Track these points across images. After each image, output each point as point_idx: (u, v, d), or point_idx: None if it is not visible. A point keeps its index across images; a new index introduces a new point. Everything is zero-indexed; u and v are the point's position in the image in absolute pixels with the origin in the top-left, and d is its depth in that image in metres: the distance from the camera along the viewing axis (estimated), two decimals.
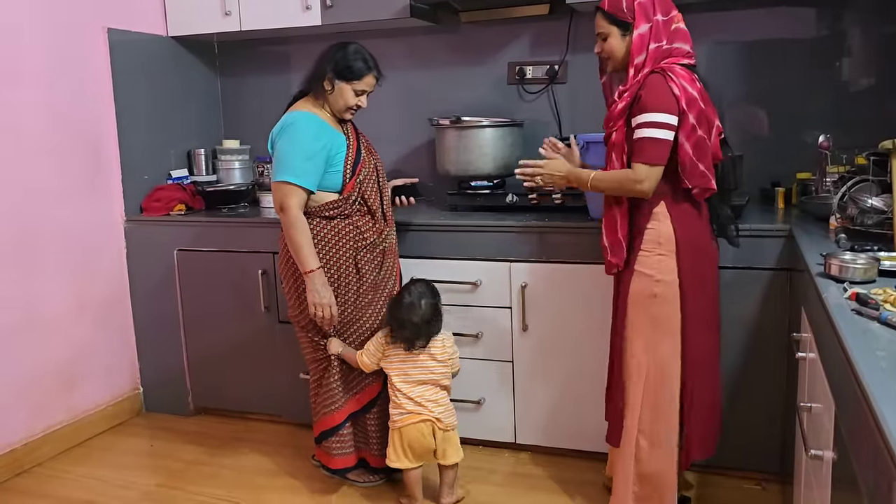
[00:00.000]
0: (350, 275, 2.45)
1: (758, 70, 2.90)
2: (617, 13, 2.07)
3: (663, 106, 1.98)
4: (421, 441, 2.38)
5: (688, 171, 2.03)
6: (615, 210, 2.11)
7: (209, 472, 2.83)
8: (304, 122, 2.36)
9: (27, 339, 2.89)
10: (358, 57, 2.37)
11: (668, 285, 2.09)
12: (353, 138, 2.47)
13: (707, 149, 2.05)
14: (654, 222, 2.08)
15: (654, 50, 2.03)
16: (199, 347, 3.26)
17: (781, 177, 2.83)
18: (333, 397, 2.53)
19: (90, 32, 3.10)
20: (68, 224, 3.04)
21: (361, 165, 2.44)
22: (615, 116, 2.08)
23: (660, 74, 2.01)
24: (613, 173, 2.08)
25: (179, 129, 3.51)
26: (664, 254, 2.08)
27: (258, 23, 3.25)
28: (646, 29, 2.03)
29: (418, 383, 2.38)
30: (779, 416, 2.44)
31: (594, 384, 2.57)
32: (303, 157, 2.33)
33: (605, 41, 2.10)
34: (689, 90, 2.00)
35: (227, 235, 3.10)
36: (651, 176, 2.01)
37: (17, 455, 2.84)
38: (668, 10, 2.07)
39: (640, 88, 2.02)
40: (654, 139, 1.99)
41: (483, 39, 3.25)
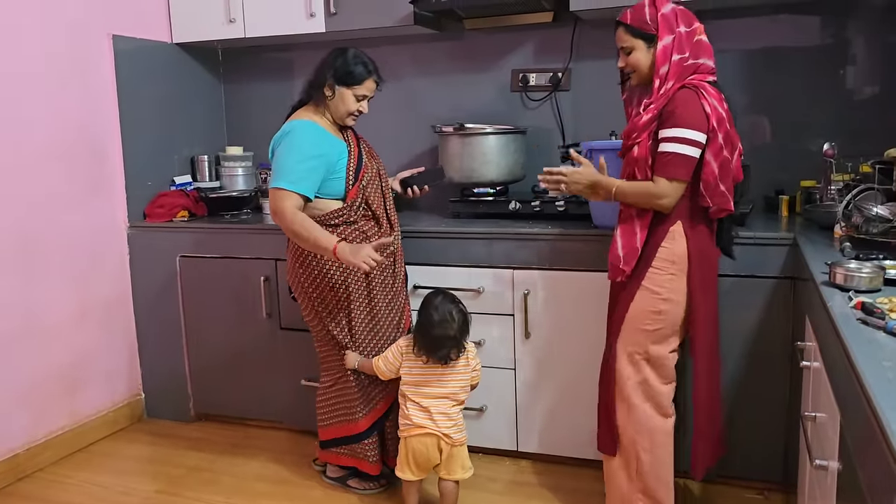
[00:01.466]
0: (359, 280, 2.44)
1: (762, 78, 2.90)
2: (641, 26, 2.05)
3: (694, 122, 1.96)
4: (425, 454, 2.35)
5: (710, 191, 2.02)
6: (636, 221, 2.09)
7: (209, 478, 2.82)
8: (303, 130, 2.36)
9: (30, 344, 2.88)
10: (358, 62, 2.37)
11: (675, 304, 2.08)
12: (354, 144, 2.47)
13: (730, 170, 2.04)
14: (669, 241, 2.07)
15: (677, 62, 2.01)
16: (201, 354, 3.25)
17: (785, 185, 2.82)
18: (353, 406, 2.53)
19: (95, 39, 3.11)
20: (72, 229, 3.04)
21: (364, 171, 2.44)
22: (639, 128, 2.06)
23: (692, 90, 1.99)
24: (637, 185, 2.06)
25: (183, 135, 3.52)
26: (675, 273, 2.07)
27: (262, 30, 3.25)
28: (669, 41, 2.01)
29: (433, 396, 2.35)
30: (782, 425, 2.42)
31: (596, 393, 2.55)
32: (301, 164, 2.32)
33: (629, 55, 2.08)
34: (719, 109, 1.99)
35: (230, 242, 3.10)
36: (673, 192, 2.00)
37: (19, 460, 2.84)
38: (690, 21, 2.06)
39: (668, 102, 2.00)
40: (681, 155, 1.97)
41: (487, 47, 3.26)
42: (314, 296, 2.47)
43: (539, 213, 2.83)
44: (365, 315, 2.48)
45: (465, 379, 2.38)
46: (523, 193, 3.04)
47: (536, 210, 2.83)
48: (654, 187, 2.00)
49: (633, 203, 2.08)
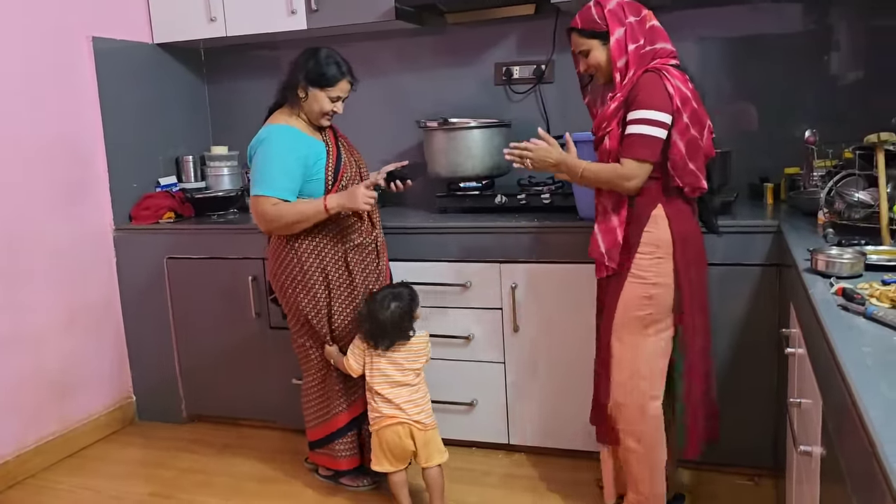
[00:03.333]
0: (342, 276, 2.45)
1: (745, 65, 2.90)
2: (591, 26, 2.08)
3: (658, 104, 1.98)
4: (398, 443, 2.37)
5: (679, 170, 2.03)
6: (613, 217, 2.10)
7: (203, 479, 2.82)
8: (278, 134, 2.35)
9: (17, 349, 2.87)
10: (330, 62, 2.34)
11: (664, 288, 2.09)
12: (333, 144, 2.45)
13: (699, 148, 2.06)
14: (651, 225, 2.08)
15: (634, 51, 2.04)
16: (191, 355, 3.24)
17: (770, 172, 2.83)
18: (332, 402, 2.54)
19: (75, 41, 3.09)
20: (57, 234, 3.03)
21: (343, 170, 2.43)
22: (608, 116, 2.07)
23: (654, 73, 2.02)
24: (604, 167, 2.07)
25: (167, 136, 3.50)
26: (662, 257, 2.08)
27: (243, 28, 3.24)
28: (621, 32, 2.04)
29: (396, 384, 2.37)
30: (770, 411, 2.44)
31: (586, 384, 2.55)
32: (278, 169, 2.32)
33: (588, 57, 2.11)
34: (682, 89, 2.01)
35: (217, 242, 3.09)
36: (640, 173, 2.02)
37: (9, 467, 2.83)
38: (638, 11, 2.09)
39: (633, 88, 2.02)
40: (646, 136, 1.99)
41: (469, 40, 3.25)
42: (296, 290, 2.45)
43: (525, 206, 2.83)
44: (346, 310, 2.48)
45: (420, 363, 2.41)
46: (509, 187, 3.04)
47: (522, 203, 2.83)
48: (622, 168, 2.02)
49: (600, 184, 2.10)
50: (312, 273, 2.43)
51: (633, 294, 2.10)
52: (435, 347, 2.75)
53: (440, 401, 2.79)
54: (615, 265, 2.10)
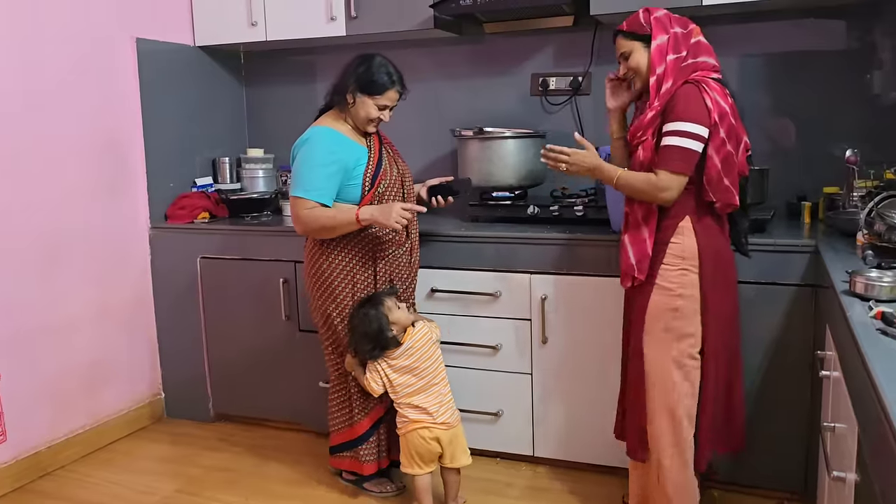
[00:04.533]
0: (368, 286, 2.46)
1: (785, 82, 2.86)
2: (636, 29, 2.09)
3: (695, 116, 1.97)
4: (425, 447, 2.38)
5: (713, 185, 2.02)
6: (643, 227, 2.09)
7: (228, 478, 2.84)
8: (320, 137, 2.37)
9: (52, 342, 2.93)
10: (382, 71, 2.36)
11: (690, 300, 2.07)
12: (376, 150, 2.46)
13: (734, 164, 2.04)
14: (678, 237, 2.07)
15: (675, 61, 2.03)
16: (221, 355, 3.28)
17: (808, 191, 2.79)
18: (354, 409, 2.55)
19: (119, 42, 3.16)
20: (94, 230, 3.09)
21: (381, 178, 2.43)
22: (644, 126, 2.07)
23: (693, 85, 2.01)
24: (640, 176, 2.06)
25: (205, 137, 3.56)
26: (687, 269, 2.06)
27: (284, 33, 3.28)
28: (664, 40, 2.04)
29: (420, 391, 2.38)
30: (802, 434, 2.39)
31: (614, 398, 2.54)
32: (317, 172, 2.34)
33: (628, 59, 2.11)
34: (721, 104, 2.00)
35: (250, 244, 3.13)
36: (675, 185, 2.00)
37: (40, 457, 2.88)
38: (685, 24, 2.09)
39: (671, 98, 2.01)
40: (682, 148, 1.98)
41: (507, 50, 3.25)
42: (324, 296, 2.47)
43: (558, 218, 2.82)
44: None
45: (436, 357, 2.42)
46: (542, 198, 3.03)
47: (555, 215, 2.82)
48: (657, 179, 2.01)
49: (634, 193, 2.08)
50: (340, 281, 2.45)
51: (659, 305, 2.09)
52: (462, 355, 2.76)
53: (465, 409, 2.78)
54: (643, 276, 2.09)
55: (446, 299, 2.79)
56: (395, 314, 2.37)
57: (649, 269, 2.09)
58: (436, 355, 2.42)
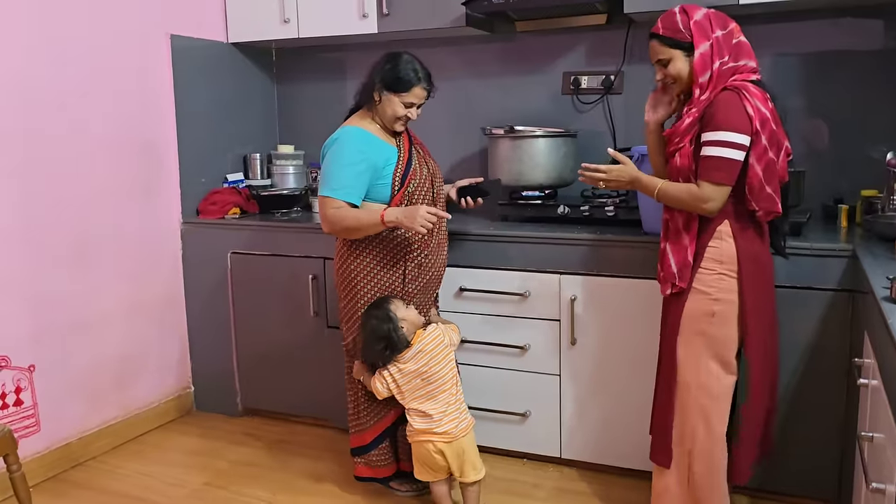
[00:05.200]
0: (395, 286, 2.45)
1: (821, 82, 2.81)
2: (675, 35, 2.02)
3: (737, 125, 1.93)
4: (430, 458, 2.36)
5: (755, 194, 1.98)
6: (684, 234, 2.05)
7: (255, 473, 2.86)
8: (349, 136, 2.37)
9: (85, 335, 2.97)
10: (408, 68, 2.34)
11: (727, 304, 2.03)
12: (405, 149, 2.45)
13: (775, 171, 2.00)
14: (716, 241, 2.03)
15: (719, 67, 1.98)
16: (249, 350, 3.31)
17: (845, 194, 2.74)
18: (362, 416, 2.55)
19: (154, 38, 3.19)
20: (127, 225, 3.13)
21: (411, 177, 2.41)
22: (680, 132, 2.03)
23: (734, 92, 1.96)
24: (682, 188, 2.02)
25: (236, 133, 3.58)
26: (725, 273, 2.03)
27: (315, 30, 3.29)
28: (707, 47, 1.98)
29: (429, 396, 2.34)
30: (837, 442, 2.34)
31: (643, 401, 2.51)
32: (345, 171, 2.34)
33: (667, 66, 2.05)
34: (762, 110, 1.95)
35: (280, 240, 3.15)
36: (718, 196, 1.96)
37: (72, 448, 2.93)
38: (725, 23, 2.02)
39: (709, 105, 1.97)
40: (724, 158, 1.94)
41: (538, 49, 3.23)
42: (347, 296, 2.48)
43: (588, 218, 2.79)
44: None
45: (449, 362, 2.36)
46: (572, 198, 3.01)
47: (585, 215, 2.80)
48: (698, 191, 1.97)
49: (676, 205, 2.04)
50: (367, 282, 2.44)
51: (695, 309, 2.06)
52: (490, 356, 2.75)
53: (492, 409, 2.77)
54: (685, 284, 2.05)
55: (475, 299, 2.78)
56: (403, 312, 2.34)
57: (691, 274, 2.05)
58: (447, 359, 2.36)
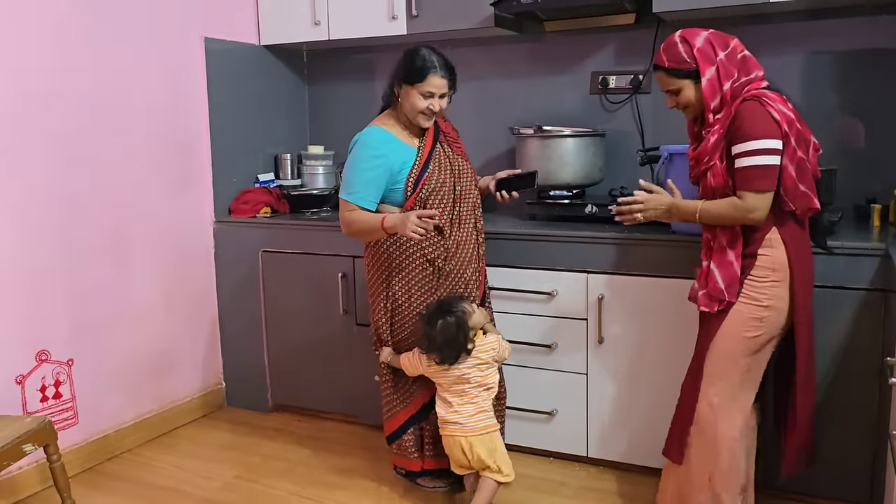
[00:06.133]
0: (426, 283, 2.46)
1: (854, 81, 2.78)
2: (680, 65, 2.03)
3: (767, 132, 1.93)
4: (454, 454, 2.37)
5: (790, 194, 1.98)
6: (729, 251, 2.05)
7: (284, 467, 2.91)
8: (367, 138, 2.38)
9: (121, 330, 3.05)
10: (423, 58, 2.32)
11: (776, 311, 2.03)
12: (424, 152, 2.41)
13: (807, 169, 2.00)
14: (767, 248, 2.02)
15: (730, 87, 1.99)
16: (280, 346, 3.35)
17: (878, 193, 2.70)
18: (393, 401, 2.58)
19: (189, 41, 3.26)
20: (162, 223, 3.20)
21: (424, 182, 2.38)
22: (709, 151, 2.03)
23: (755, 101, 1.96)
24: (723, 203, 2.01)
25: (267, 134, 3.64)
26: (777, 280, 2.02)
27: (346, 32, 3.33)
28: (713, 72, 2.00)
29: (460, 394, 2.34)
30: (869, 442, 2.32)
31: (670, 401, 2.50)
32: (360, 176, 2.36)
33: (678, 95, 2.07)
34: (786, 112, 1.96)
35: (310, 238, 3.19)
36: (763, 204, 1.96)
37: (109, 440, 3.00)
38: (726, 43, 2.03)
39: (733, 118, 1.98)
40: (762, 166, 1.94)
41: (566, 48, 3.24)
42: (371, 291, 2.52)
43: None
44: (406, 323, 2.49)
45: (486, 365, 2.35)
46: (600, 197, 3.01)
47: (613, 214, 2.79)
48: (742, 203, 1.96)
49: (719, 222, 2.03)
50: (381, 283, 2.48)
51: (742, 315, 2.04)
52: (517, 353, 2.75)
53: (519, 408, 2.78)
54: (734, 299, 2.04)
55: (502, 297, 2.79)
56: (473, 319, 2.31)
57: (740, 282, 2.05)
58: (490, 373, 2.35)
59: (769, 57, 2.67)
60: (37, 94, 2.68)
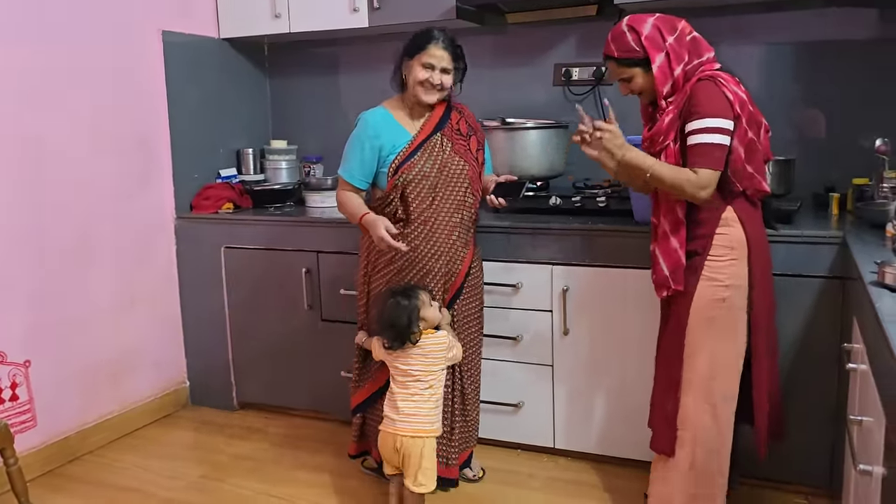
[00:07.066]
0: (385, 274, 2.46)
1: (812, 72, 2.82)
2: (629, 54, 2.04)
3: (720, 111, 1.95)
4: (384, 451, 2.31)
5: (738, 175, 2.01)
6: (673, 239, 2.06)
7: (252, 466, 2.87)
8: (366, 117, 2.42)
9: (81, 330, 2.98)
10: (426, 32, 2.36)
11: (738, 290, 2.05)
12: (418, 138, 2.39)
13: (756, 150, 2.03)
14: (724, 227, 2.04)
15: (682, 71, 2.01)
16: (245, 344, 3.31)
17: (836, 182, 2.75)
18: (359, 377, 2.59)
19: (145, 34, 3.19)
20: (121, 221, 3.13)
21: (405, 169, 2.37)
22: (664, 130, 2.04)
23: (709, 81, 1.98)
24: (676, 171, 1.99)
25: (229, 128, 3.58)
26: (736, 258, 2.04)
27: (307, 25, 3.29)
28: (662, 58, 2.01)
29: (405, 390, 2.28)
30: (828, 428, 2.36)
31: (636, 390, 2.53)
32: (351, 153, 2.40)
33: (630, 82, 2.08)
34: (739, 94, 1.98)
35: (273, 234, 3.15)
36: (713, 182, 1.98)
37: (71, 442, 2.94)
38: (673, 27, 2.04)
39: (687, 98, 1.99)
40: (714, 144, 1.95)
41: (529, 40, 3.24)
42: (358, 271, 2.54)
43: (580, 209, 2.80)
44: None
45: (431, 361, 2.27)
46: (564, 188, 3.02)
47: (577, 205, 2.81)
48: (696, 177, 1.97)
49: (665, 188, 2.02)
50: (363, 267, 2.51)
51: (706, 296, 2.06)
52: (483, 347, 2.75)
53: (485, 400, 2.78)
54: (680, 286, 2.06)
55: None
56: (427, 311, 2.26)
57: (694, 262, 2.06)
58: (436, 371, 2.28)
59: (728, 48, 2.70)
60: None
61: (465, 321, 2.53)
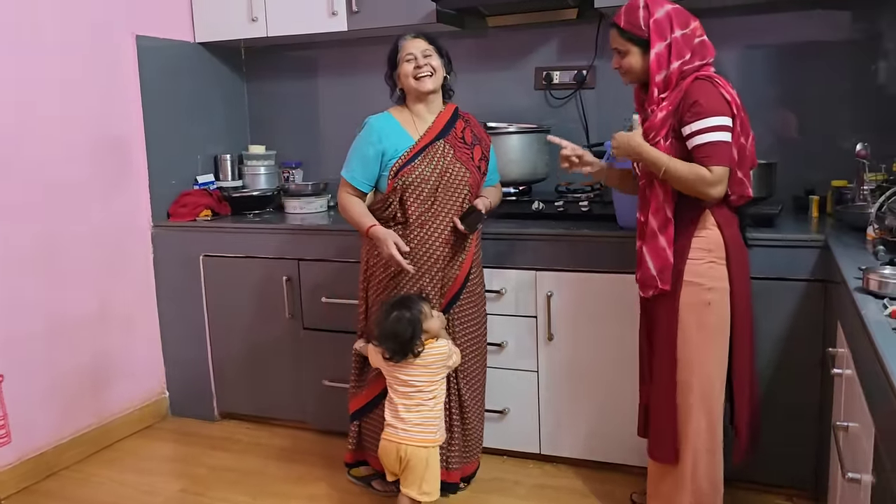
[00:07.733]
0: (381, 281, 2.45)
1: (791, 74, 2.83)
2: (634, 30, 2.03)
3: (721, 110, 1.95)
4: (385, 459, 2.31)
5: (730, 179, 1.99)
6: (660, 238, 2.05)
7: (233, 478, 2.83)
8: (372, 120, 2.43)
9: (55, 342, 2.91)
10: (395, 40, 2.43)
11: (721, 292, 2.05)
12: (421, 144, 2.38)
13: (746, 156, 2.03)
14: (703, 230, 2.04)
15: (679, 67, 1.99)
16: (225, 353, 3.26)
17: (816, 185, 2.76)
18: (356, 384, 2.57)
19: (120, 39, 3.13)
20: (96, 229, 3.07)
21: (405, 173, 2.36)
22: (657, 125, 2.02)
23: (707, 81, 1.98)
24: (691, 167, 1.96)
25: (206, 134, 3.53)
26: (715, 261, 2.04)
27: (285, 28, 3.25)
28: (663, 48, 1.99)
29: (400, 393, 2.28)
30: (812, 432, 2.37)
31: (621, 395, 2.52)
32: (355, 154, 2.42)
33: (624, 57, 2.07)
34: (735, 96, 1.99)
35: (253, 241, 3.11)
36: (726, 179, 1.97)
37: (46, 458, 2.87)
38: (686, 22, 2.02)
39: (684, 96, 1.98)
40: (722, 142, 1.94)
41: (510, 44, 3.22)
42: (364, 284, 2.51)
43: (563, 214, 2.79)
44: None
45: (433, 371, 2.27)
46: (547, 193, 3.01)
47: (560, 210, 2.80)
48: (710, 175, 1.94)
49: (680, 186, 1.99)
50: (362, 272, 2.50)
51: (690, 301, 2.05)
52: None
53: None
54: (668, 287, 2.05)
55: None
56: (429, 323, 2.24)
57: (675, 267, 2.05)
58: (437, 380, 2.28)
59: None
60: None
61: (463, 328, 2.51)
